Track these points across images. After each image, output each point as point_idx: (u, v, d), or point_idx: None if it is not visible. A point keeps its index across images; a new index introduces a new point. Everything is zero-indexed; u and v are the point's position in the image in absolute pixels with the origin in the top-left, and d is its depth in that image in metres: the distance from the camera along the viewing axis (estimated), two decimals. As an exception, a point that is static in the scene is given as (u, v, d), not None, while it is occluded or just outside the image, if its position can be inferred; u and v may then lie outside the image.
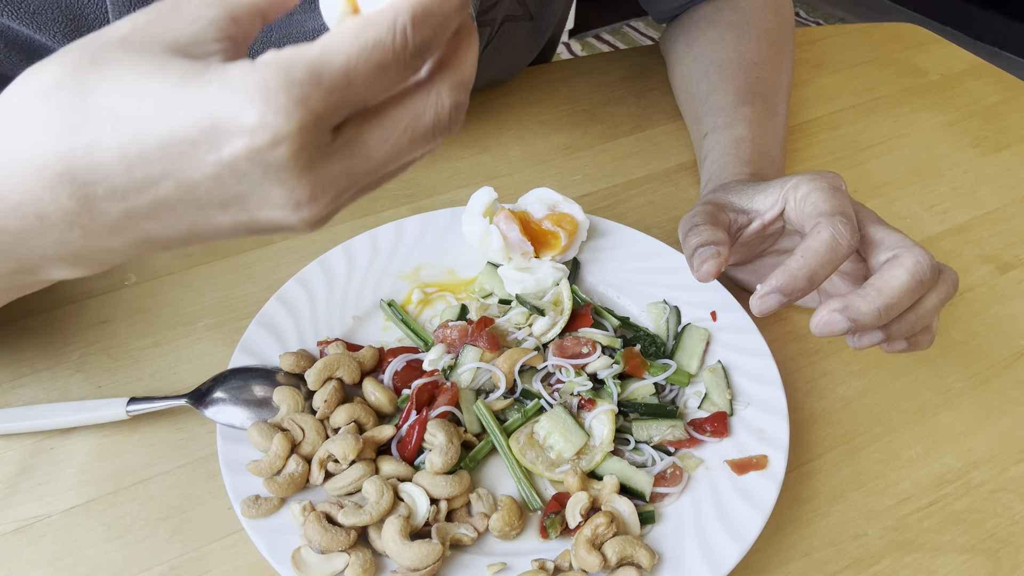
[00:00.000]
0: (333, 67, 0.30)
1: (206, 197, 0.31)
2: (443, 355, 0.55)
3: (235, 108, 0.29)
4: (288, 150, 0.30)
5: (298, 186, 0.31)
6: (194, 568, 0.47)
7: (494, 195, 0.62)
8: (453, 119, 0.36)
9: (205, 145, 0.29)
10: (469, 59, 0.35)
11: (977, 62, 0.95)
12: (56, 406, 0.52)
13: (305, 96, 0.29)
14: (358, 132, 0.33)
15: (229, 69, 0.29)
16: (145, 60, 0.30)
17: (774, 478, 0.49)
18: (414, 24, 0.31)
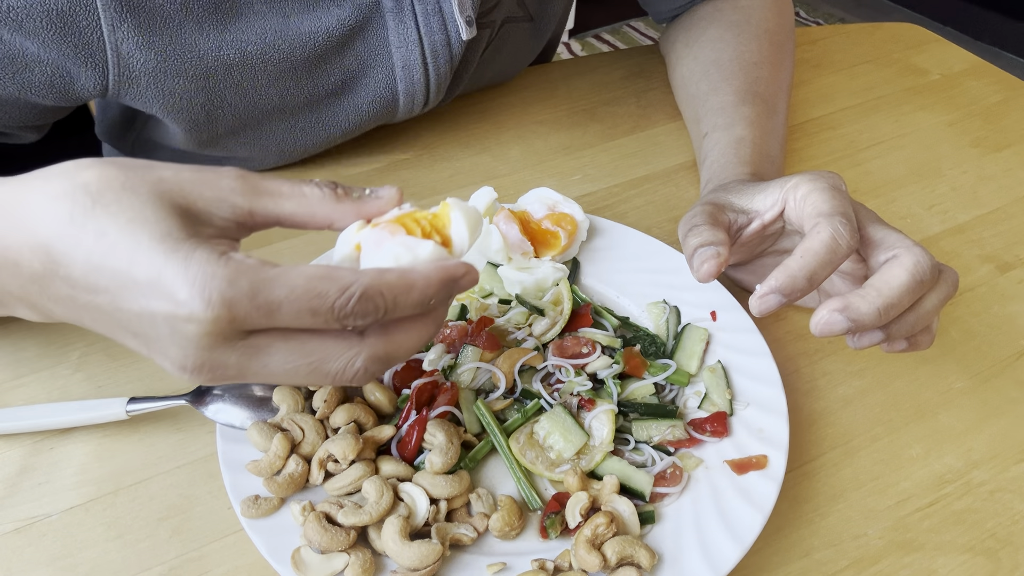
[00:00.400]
0: (271, 294, 0.35)
1: (124, 323, 0.37)
2: (443, 355, 0.55)
3: (178, 281, 0.35)
4: (197, 330, 0.35)
5: (191, 357, 0.36)
6: (194, 568, 0.47)
7: (494, 195, 0.62)
8: (357, 381, 0.39)
9: (143, 291, 0.35)
10: (406, 344, 0.40)
11: (977, 62, 0.95)
12: (56, 406, 0.52)
13: (233, 301, 0.35)
14: (268, 344, 0.37)
15: (198, 252, 0.35)
16: (154, 208, 0.37)
17: (774, 478, 0.49)
18: (363, 297, 0.36)
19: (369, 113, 0.70)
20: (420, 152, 0.78)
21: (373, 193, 0.42)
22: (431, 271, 0.38)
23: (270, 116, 0.67)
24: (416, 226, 0.42)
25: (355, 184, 0.41)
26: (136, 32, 0.56)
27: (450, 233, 0.42)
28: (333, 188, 0.41)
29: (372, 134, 0.79)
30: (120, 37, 0.56)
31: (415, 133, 0.80)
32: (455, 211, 0.42)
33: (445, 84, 0.71)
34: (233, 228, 0.40)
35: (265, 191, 0.40)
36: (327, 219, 0.41)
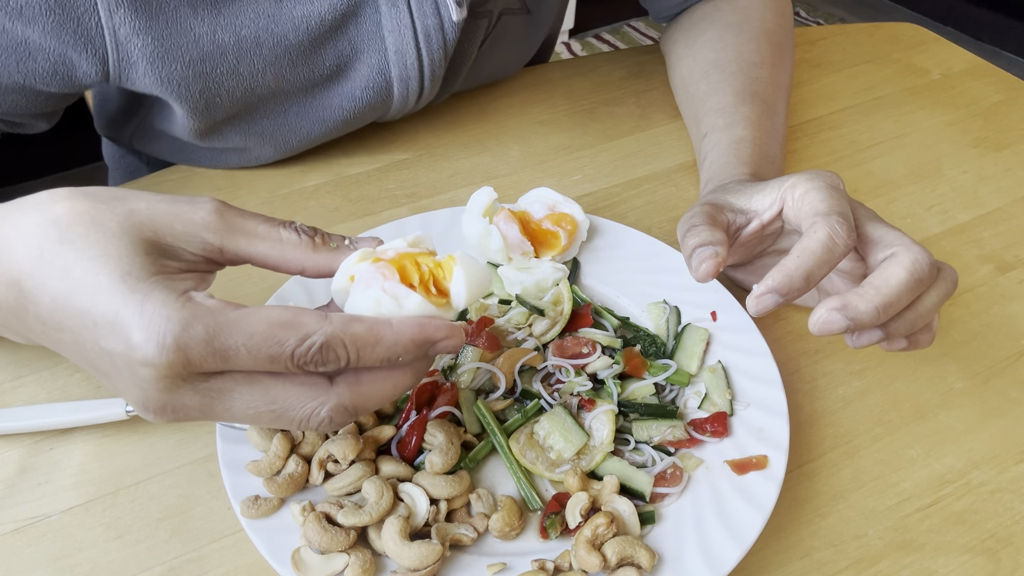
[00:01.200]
0: (228, 339, 0.35)
1: (90, 360, 0.38)
2: (443, 355, 0.55)
3: (133, 324, 0.35)
4: (152, 373, 0.35)
5: (151, 398, 0.36)
6: (194, 568, 0.47)
7: (494, 195, 0.62)
8: (323, 429, 0.39)
9: (101, 333, 0.36)
10: (376, 396, 0.39)
11: (977, 62, 0.95)
12: (56, 406, 0.52)
13: (188, 346, 0.34)
14: (232, 387, 0.37)
15: (155, 293, 0.35)
16: (119, 244, 0.37)
17: (774, 478, 0.49)
18: (324, 348, 0.36)
19: (364, 101, 0.70)
20: (420, 152, 0.78)
21: (353, 244, 0.42)
22: (404, 327, 0.38)
23: (266, 102, 0.68)
24: (415, 271, 0.41)
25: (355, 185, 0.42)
26: (133, 16, 0.57)
27: (449, 287, 0.41)
28: (311, 235, 0.41)
29: (372, 134, 0.79)
30: (118, 22, 0.57)
31: (415, 133, 0.80)
32: (458, 267, 0.41)
33: (440, 72, 0.71)
34: (202, 263, 0.40)
35: (240, 229, 0.40)
36: (299, 266, 0.41)
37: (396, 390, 0.40)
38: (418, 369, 0.40)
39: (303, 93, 0.69)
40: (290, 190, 0.73)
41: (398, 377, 0.39)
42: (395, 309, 0.39)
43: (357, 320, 0.37)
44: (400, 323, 0.38)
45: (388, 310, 0.39)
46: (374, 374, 0.39)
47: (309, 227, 0.42)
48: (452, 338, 0.39)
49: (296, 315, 0.36)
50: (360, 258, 0.41)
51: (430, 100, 0.75)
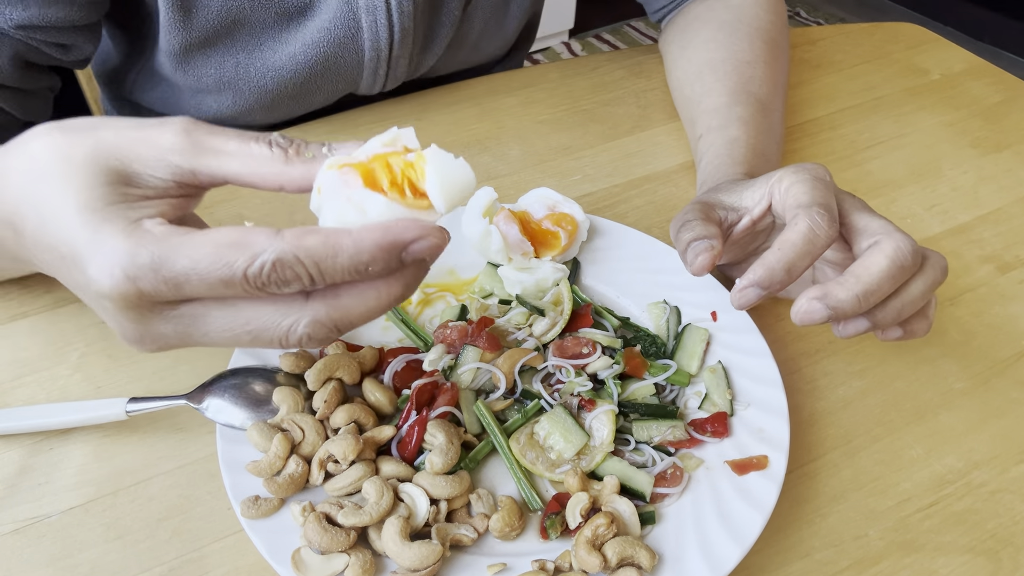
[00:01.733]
0: (175, 265, 0.34)
1: (76, 292, 0.38)
2: (443, 355, 0.55)
3: (87, 257, 0.35)
4: (112, 305, 0.35)
5: (126, 329, 0.37)
6: (194, 568, 0.47)
7: (494, 195, 0.62)
8: (305, 345, 0.37)
9: (69, 266, 0.36)
10: (356, 309, 0.37)
11: (977, 62, 0.95)
12: (56, 406, 0.52)
13: (135, 276, 0.34)
14: (204, 312, 0.36)
15: (107, 224, 0.35)
16: (84, 175, 0.36)
17: (774, 478, 0.49)
18: (277, 265, 0.34)
19: (333, 34, 0.72)
20: (420, 152, 0.78)
21: (331, 149, 0.39)
22: (365, 233, 0.35)
23: (240, 28, 0.71)
24: (386, 173, 0.37)
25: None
26: None
27: (426, 188, 0.37)
28: (284, 148, 0.39)
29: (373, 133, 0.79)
30: None
31: (415, 133, 0.79)
32: (430, 164, 0.37)
33: (408, 7, 0.72)
34: (174, 187, 0.38)
35: (210, 148, 0.38)
36: (276, 181, 0.39)
37: (381, 302, 0.37)
38: (406, 278, 0.37)
39: (274, 25, 0.71)
40: (290, 190, 0.73)
41: (382, 288, 0.37)
42: (359, 218, 0.36)
43: (312, 232, 0.34)
44: (362, 229, 0.35)
45: (351, 220, 0.36)
46: (354, 287, 0.37)
47: (285, 138, 0.39)
48: (427, 237, 0.35)
49: (245, 234, 0.34)
50: (329, 166, 0.37)
51: (412, 61, 0.77)
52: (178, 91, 0.80)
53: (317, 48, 0.73)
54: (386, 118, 0.81)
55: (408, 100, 0.84)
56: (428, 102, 0.84)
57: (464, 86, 0.86)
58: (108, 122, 0.39)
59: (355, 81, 0.78)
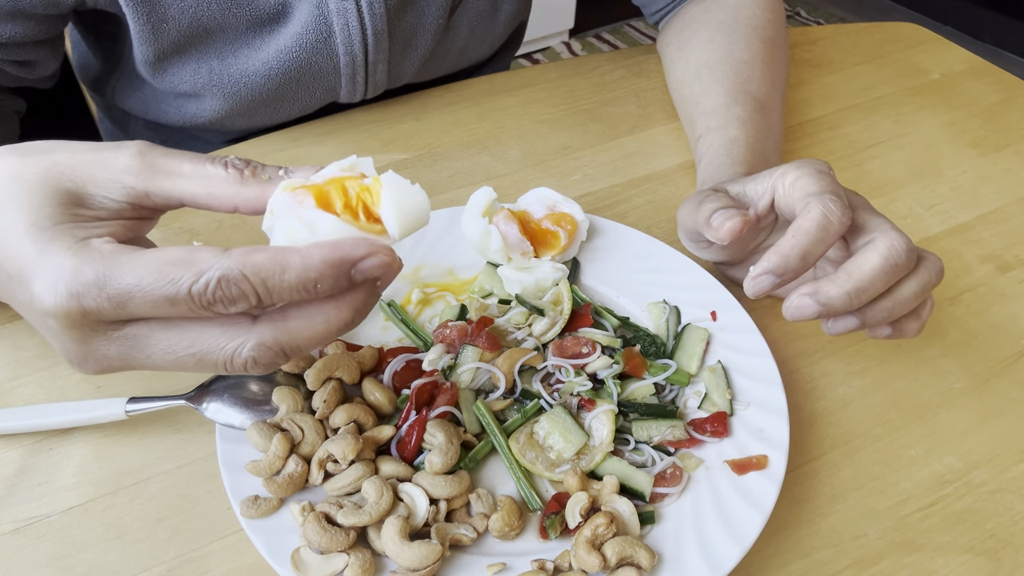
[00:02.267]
0: (120, 282, 0.34)
1: (22, 311, 0.37)
2: (443, 355, 0.55)
3: (33, 275, 0.34)
4: (56, 324, 0.35)
5: (70, 350, 0.36)
6: (193, 568, 0.47)
7: (493, 195, 0.62)
8: (249, 370, 0.37)
9: (14, 286, 0.36)
10: (305, 333, 0.36)
11: (977, 62, 0.95)
12: (55, 406, 0.52)
13: (80, 293, 0.34)
14: (148, 333, 0.36)
15: (54, 242, 0.35)
16: (34, 196, 0.36)
17: (774, 478, 0.49)
18: (223, 282, 0.33)
19: (306, 40, 0.72)
20: (420, 152, 0.78)
21: (288, 173, 0.39)
22: (313, 251, 0.34)
23: (212, 35, 0.71)
24: (340, 196, 0.36)
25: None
26: None
27: (380, 213, 0.37)
28: (240, 169, 0.38)
29: (372, 134, 0.79)
30: None
31: (415, 133, 0.80)
32: (386, 189, 0.36)
33: (380, 9, 0.72)
34: (128, 209, 0.38)
35: (163, 170, 0.38)
36: (230, 203, 0.38)
37: (331, 326, 0.36)
38: (356, 302, 0.36)
39: (247, 32, 0.71)
40: (290, 190, 0.73)
41: (331, 312, 0.36)
42: (309, 236, 0.35)
43: (259, 250, 0.34)
44: (310, 246, 0.34)
45: (301, 238, 0.35)
46: (303, 309, 0.36)
47: (242, 160, 0.39)
48: (376, 255, 0.35)
49: (192, 252, 0.34)
50: (283, 188, 0.37)
51: (392, 68, 0.77)
52: (159, 96, 0.81)
53: (291, 54, 0.73)
54: (385, 118, 0.81)
55: (408, 100, 0.84)
56: (428, 102, 0.84)
57: (464, 86, 0.86)
58: (65, 145, 0.39)
59: (334, 88, 0.78)
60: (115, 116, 0.96)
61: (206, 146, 0.88)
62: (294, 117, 0.82)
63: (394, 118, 0.81)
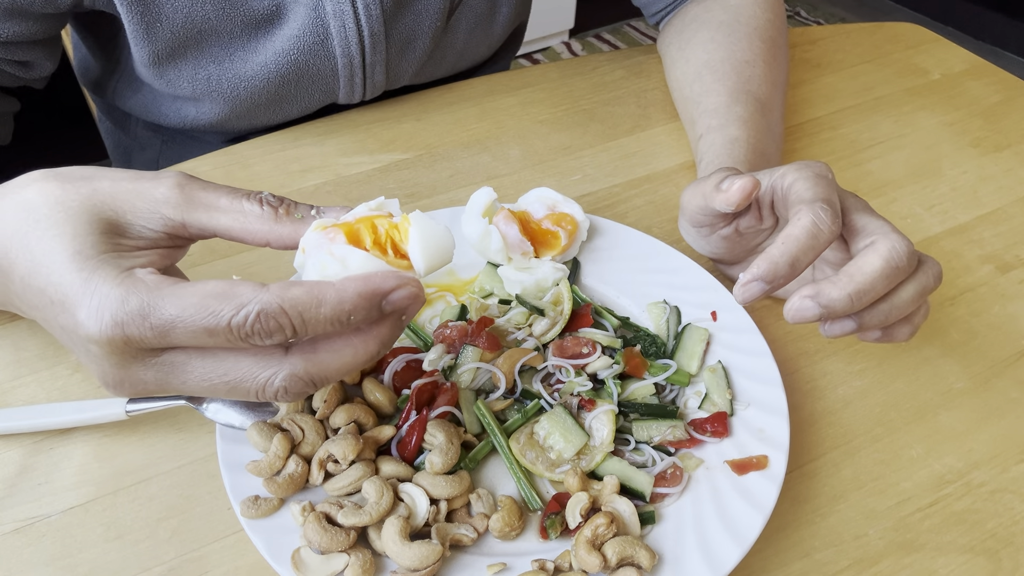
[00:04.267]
0: (163, 313, 0.35)
1: (59, 337, 0.39)
2: (443, 355, 0.55)
3: (78, 302, 0.35)
4: (98, 350, 0.36)
5: (108, 373, 0.37)
6: (194, 568, 0.47)
7: (493, 195, 0.62)
8: (281, 399, 0.38)
9: (57, 311, 0.37)
10: (333, 365, 0.38)
11: (978, 62, 0.95)
12: (56, 406, 0.52)
13: (125, 322, 0.35)
14: (185, 360, 0.37)
15: (100, 271, 0.36)
16: (76, 223, 0.37)
17: (774, 478, 0.49)
18: (261, 316, 0.35)
19: (303, 42, 0.72)
20: (420, 152, 0.78)
21: (319, 213, 0.41)
22: (347, 284, 0.36)
23: (207, 38, 0.71)
24: (369, 234, 0.39)
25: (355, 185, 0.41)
26: None
27: (407, 249, 0.39)
28: (275, 206, 0.40)
29: (372, 134, 0.79)
30: None
31: (415, 133, 0.80)
32: (413, 228, 0.38)
33: (376, 11, 0.72)
34: (164, 239, 0.40)
35: (201, 203, 0.40)
36: (264, 239, 0.40)
37: (358, 358, 0.38)
38: (382, 335, 0.38)
39: (242, 34, 0.71)
40: (290, 190, 0.73)
41: (358, 344, 0.38)
42: (340, 271, 0.37)
43: (296, 285, 0.36)
44: (344, 280, 0.36)
45: (333, 272, 0.37)
46: (332, 342, 0.38)
47: (276, 197, 0.41)
48: (405, 287, 0.37)
49: (232, 286, 0.35)
50: (315, 227, 0.39)
51: (390, 69, 0.78)
52: (159, 97, 0.81)
53: (288, 56, 0.73)
54: (385, 118, 0.81)
55: (408, 100, 0.84)
56: (428, 102, 0.84)
57: (464, 86, 0.86)
58: (105, 173, 0.40)
59: (332, 90, 0.78)
60: (115, 117, 0.96)
61: (206, 146, 0.88)
62: (293, 118, 0.82)
63: (394, 118, 0.81)
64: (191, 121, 0.80)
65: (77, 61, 0.93)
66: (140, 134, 0.94)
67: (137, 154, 0.95)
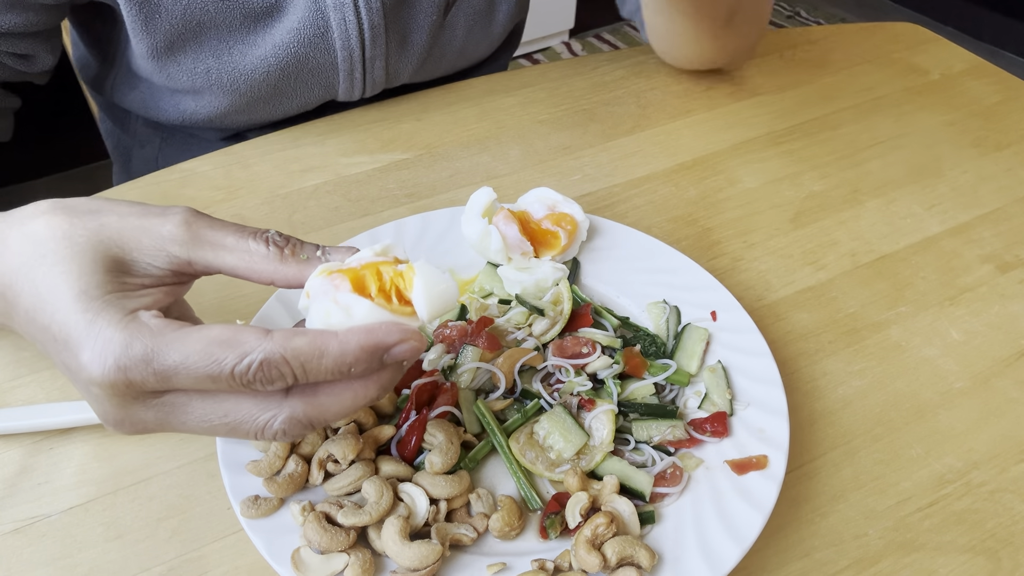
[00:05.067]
0: (167, 359, 0.35)
1: (61, 372, 0.39)
2: (443, 355, 0.55)
3: (82, 344, 0.36)
4: (100, 392, 0.36)
5: (109, 412, 0.37)
6: (194, 568, 0.47)
7: (493, 195, 0.62)
8: (280, 439, 0.38)
9: (60, 350, 0.37)
10: (333, 408, 0.38)
11: (978, 62, 0.95)
12: (56, 406, 0.52)
13: (128, 367, 0.35)
14: (185, 402, 0.37)
15: (104, 313, 0.36)
16: (82, 261, 0.37)
17: (774, 478, 0.49)
18: (264, 365, 0.35)
19: (303, 35, 0.72)
20: (420, 152, 0.78)
21: (325, 255, 0.41)
22: (350, 335, 0.36)
23: (206, 30, 0.71)
24: (374, 280, 0.39)
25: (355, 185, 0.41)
26: None
27: (411, 297, 0.39)
28: (280, 246, 0.40)
29: (371, 134, 0.79)
30: None
31: (415, 133, 0.80)
32: (418, 276, 0.39)
33: (376, 4, 0.72)
34: (170, 276, 0.40)
35: (207, 241, 0.40)
36: (268, 278, 0.41)
37: (357, 402, 0.38)
38: (382, 381, 0.39)
39: (241, 27, 0.72)
40: (290, 190, 0.73)
41: (359, 389, 0.38)
42: (344, 319, 0.37)
43: (299, 334, 0.36)
44: (347, 331, 0.37)
45: (337, 321, 0.37)
46: (332, 386, 0.38)
47: (282, 237, 0.41)
48: (407, 341, 0.37)
49: (236, 333, 0.35)
50: (320, 271, 0.39)
51: (389, 65, 0.77)
52: (157, 92, 0.81)
53: (288, 49, 0.73)
54: (385, 118, 0.81)
55: (408, 100, 0.84)
56: (428, 102, 0.84)
57: (464, 86, 0.86)
58: (112, 207, 0.40)
59: (332, 85, 0.78)
60: (115, 115, 0.96)
61: (204, 143, 0.88)
62: (293, 114, 0.82)
63: (394, 118, 0.81)
64: (190, 116, 0.80)
65: (77, 59, 0.93)
66: (140, 131, 0.94)
67: (137, 152, 0.95)
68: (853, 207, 0.74)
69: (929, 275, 0.68)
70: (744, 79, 0.90)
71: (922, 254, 0.70)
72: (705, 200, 0.74)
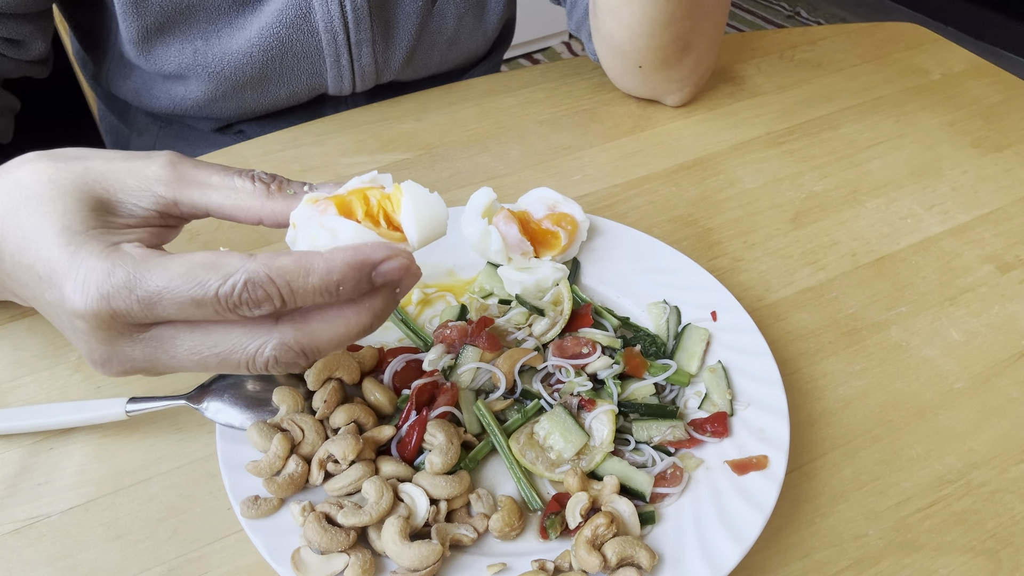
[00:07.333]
0: (149, 285, 0.34)
1: (48, 315, 0.38)
2: (443, 355, 0.55)
3: (65, 276, 0.35)
4: (84, 325, 0.35)
5: (95, 350, 0.37)
6: (194, 568, 0.47)
7: (493, 195, 0.62)
8: (271, 369, 0.37)
9: (44, 286, 0.37)
10: (325, 335, 0.37)
11: (978, 62, 0.95)
12: (56, 406, 0.52)
13: (111, 295, 0.34)
14: (173, 334, 0.37)
15: (87, 245, 0.36)
16: (67, 200, 0.37)
17: (774, 478, 0.49)
18: (249, 285, 0.34)
19: (287, 18, 0.73)
20: (420, 152, 0.78)
21: (312, 188, 0.40)
22: (335, 254, 0.35)
23: (195, 13, 0.72)
24: (361, 205, 0.38)
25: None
26: None
27: (400, 220, 0.38)
28: (267, 182, 0.40)
29: (372, 134, 0.79)
30: None
31: (415, 133, 0.80)
32: (406, 196, 0.37)
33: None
34: (155, 217, 0.39)
35: (193, 181, 0.39)
36: (256, 215, 0.40)
37: (350, 329, 0.37)
38: (375, 307, 0.37)
39: (229, 10, 0.72)
40: (290, 190, 0.73)
41: (351, 316, 0.37)
42: (330, 242, 0.36)
43: (284, 254, 0.35)
44: (333, 250, 0.36)
45: (323, 244, 0.36)
46: (323, 312, 0.37)
47: (268, 174, 0.40)
48: (396, 258, 0.36)
49: (219, 256, 0.35)
50: (307, 200, 0.38)
51: (376, 53, 0.78)
52: (149, 80, 0.82)
53: (271, 30, 0.73)
54: (385, 118, 0.81)
55: (408, 100, 0.84)
56: (428, 102, 0.84)
57: (464, 86, 0.86)
58: (97, 153, 0.40)
59: (320, 72, 0.79)
60: (116, 107, 0.96)
61: (199, 134, 0.88)
62: (283, 105, 0.82)
63: (394, 118, 0.81)
64: (179, 102, 0.80)
65: (74, 51, 0.93)
66: (139, 120, 0.94)
67: (135, 140, 0.96)
68: (853, 207, 0.74)
69: (929, 275, 0.68)
70: (744, 79, 0.90)
71: (922, 254, 0.70)
72: (705, 200, 0.74)
